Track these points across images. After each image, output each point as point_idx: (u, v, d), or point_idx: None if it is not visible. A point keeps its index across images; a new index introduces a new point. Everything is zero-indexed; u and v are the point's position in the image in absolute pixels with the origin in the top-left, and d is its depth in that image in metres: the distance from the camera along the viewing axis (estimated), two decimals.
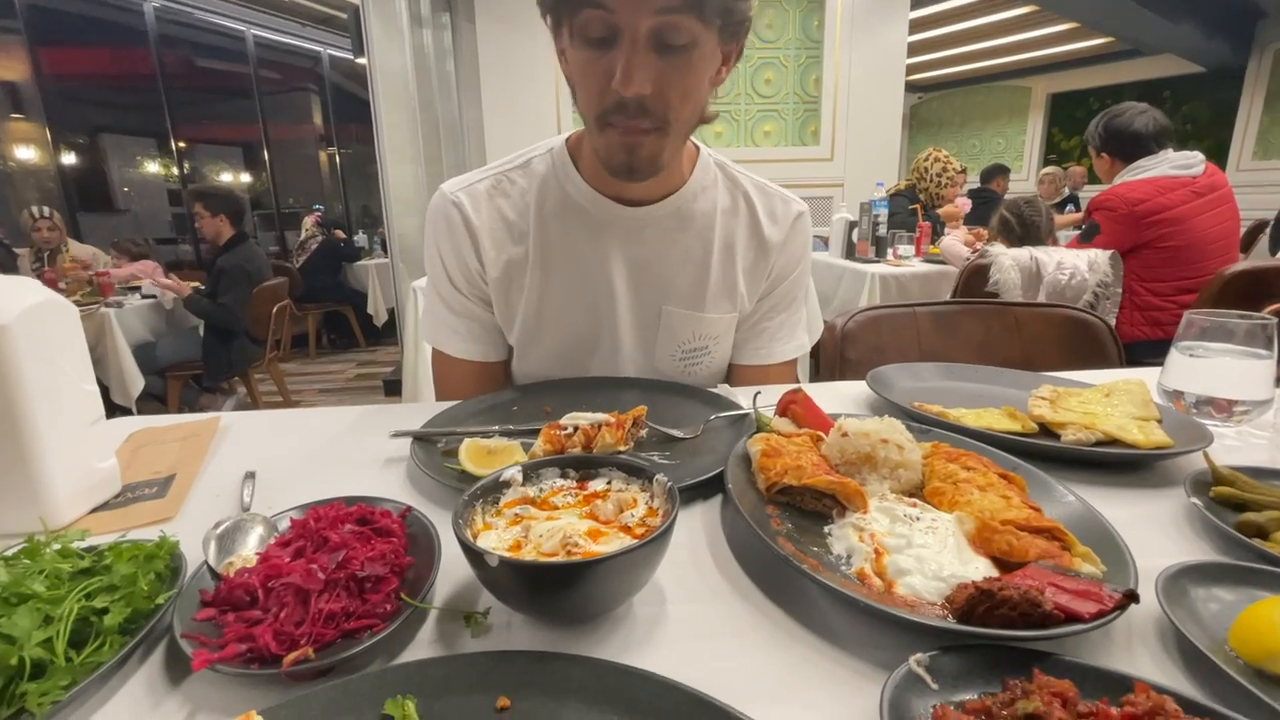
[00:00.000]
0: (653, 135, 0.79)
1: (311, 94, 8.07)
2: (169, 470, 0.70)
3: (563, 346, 0.98)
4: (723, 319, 0.99)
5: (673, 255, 0.95)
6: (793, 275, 1.03)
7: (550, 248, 0.93)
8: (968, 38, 8.07)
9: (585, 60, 0.76)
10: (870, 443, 0.59)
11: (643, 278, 0.95)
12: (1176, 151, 2.40)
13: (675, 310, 0.96)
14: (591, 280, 0.94)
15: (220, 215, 3.55)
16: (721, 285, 0.97)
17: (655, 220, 0.93)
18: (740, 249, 0.98)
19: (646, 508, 0.48)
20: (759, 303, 1.03)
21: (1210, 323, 0.78)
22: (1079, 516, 0.52)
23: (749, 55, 4.62)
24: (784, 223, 1.00)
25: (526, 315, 0.96)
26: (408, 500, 0.59)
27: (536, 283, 0.94)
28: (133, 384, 3.15)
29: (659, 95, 0.75)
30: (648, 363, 0.99)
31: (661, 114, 0.77)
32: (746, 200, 0.99)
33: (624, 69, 0.72)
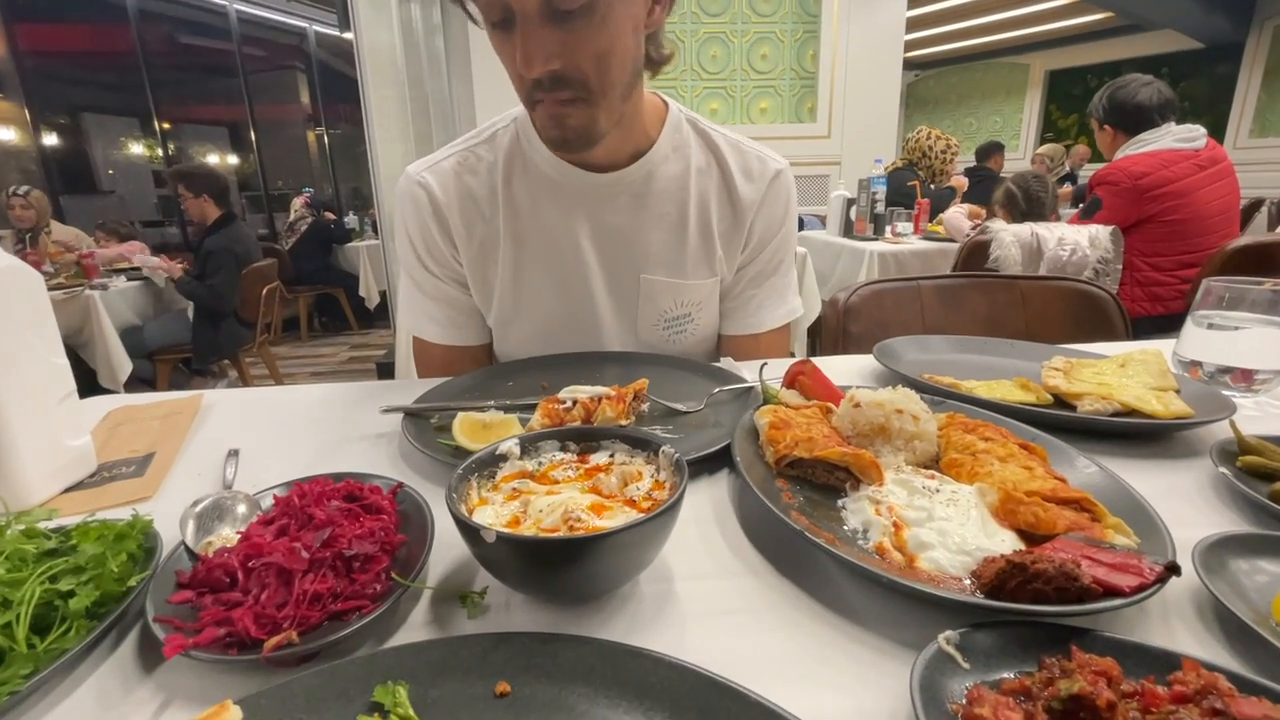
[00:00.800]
0: (579, 105, 0.74)
1: (298, 72, 7.89)
2: (148, 449, 0.67)
3: (543, 322, 0.94)
4: (704, 285, 0.95)
5: (646, 221, 0.90)
6: (776, 238, 0.97)
7: (521, 221, 0.90)
8: (967, 12, 7.96)
9: (497, 44, 0.73)
10: (884, 413, 0.57)
11: (617, 246, 0.91)
12: (1180, 125, 2.37)
13: (653, 278, 0.92)
14: (565, 252, 0.90)
15: (204, 195, 3.47)
16: (701, 250, 0.93)
17: (625, 185, 0.88)
18: (715, 210, 0.93)
19: (652, 481, 0.45)
20: (742, 270, 0.98)
21: (1228, 290, 0.75)
22: (1104, 487, 0.50)
23: (745, 30, 4.54)
24: (760, 181, 0.93)
25: (503, 292, 0.93)
26: (399, 477, 0.56)
27: (510, 258, 0.91)
28: (120, 367, 3.10)
29: (571, 66, 0.70)
30: (630, 334, 0.96)
31: (580, 83, 0.72)
32: (719, 158, 0.93)
33: (522, 51, 0.69)
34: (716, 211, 0.93)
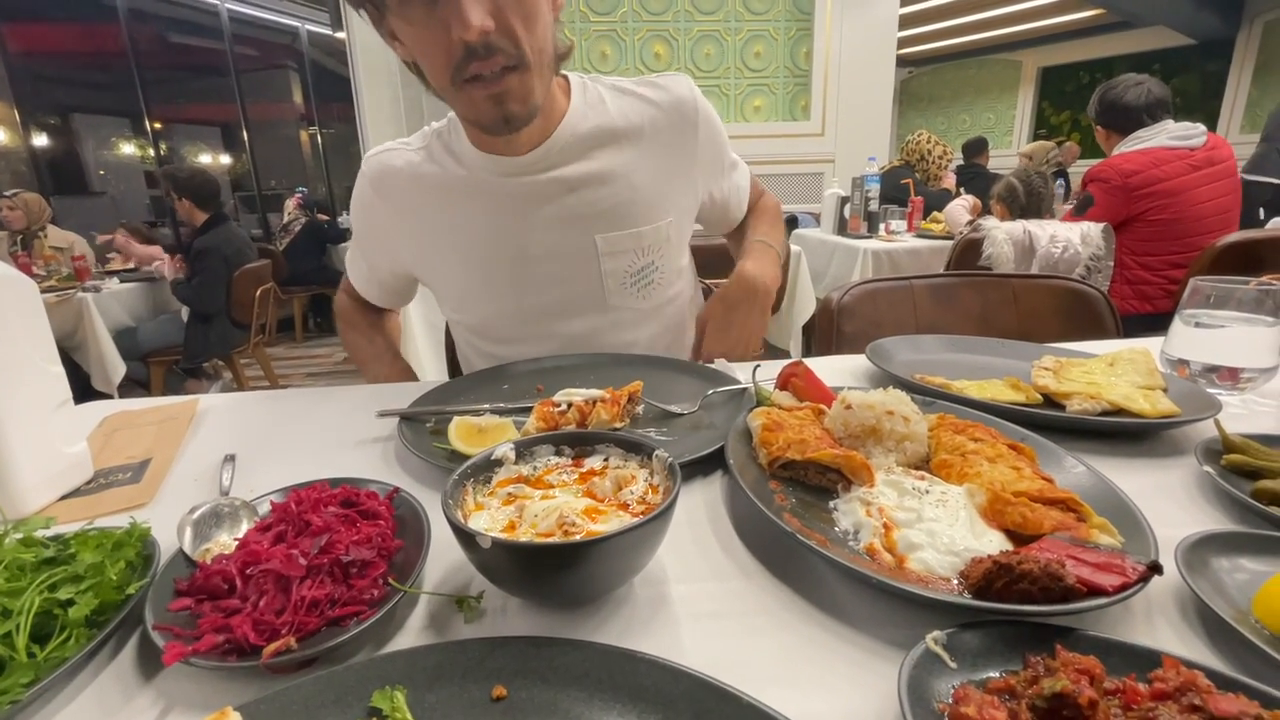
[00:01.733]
0: (515, 74, 0.74)
1: (290, 71, 7.85)
2: (144, 454, 0.67)
3: (503, 304, 0.96)
4: (659, 227, 0.95)
5: (587, 183, 0.91)
6: (725, 146, 1.03)
7: (461, 217, 0.92)
8: (959, 9, 7.98)
9: (419, 26, 0.72)
10: (875, 415, 0.57)
11: (564, 217, 0.91)
12: (1176, 123, 2.37)
13: (608, 235, 0.93)
14: (513, 239, 0.91)
15: (186, 199, 3.44)
16: (646, 195, 0.94)
17: (554, 156, 0.89)
18: (650, 147, 0.94)
19: (646, 485, 0.46)
20: (719, 192, 1.05)
21: (1215, 289, 0.76)
22: (1091, 487, 0.51)
23: (738, 28, 4.55)
24: (688, 104, 0.95)
25: (452, 280, 0.97)
26: (395, 482, 0.56)
27: (455, 250, 0.94)
28: (114, 370, 3.08)
29: (503, 29, 0.71)
30: (600, 297, 0.96)
31: (513, 47, 0.73)
32: (640, 101, 0.94)
33: (458, 14, 0.68)
34: (655, 150, 0.94)
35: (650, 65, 4.51)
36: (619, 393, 0.68)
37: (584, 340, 0.97)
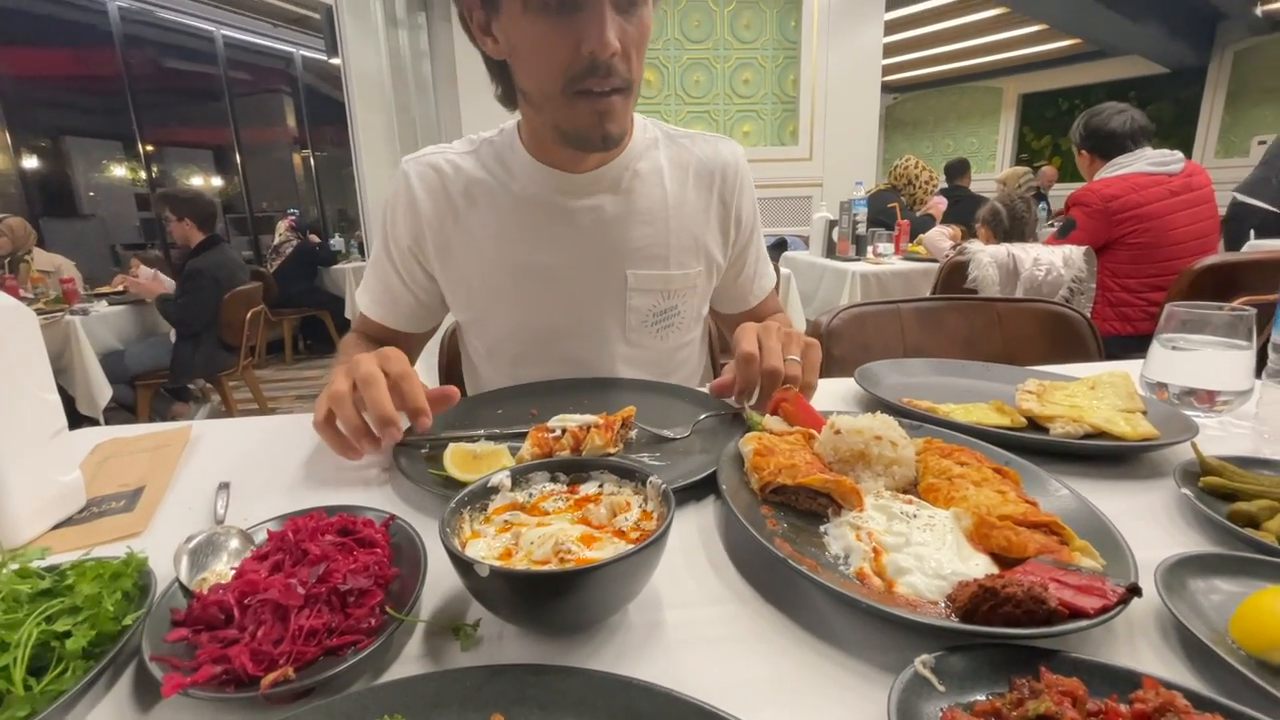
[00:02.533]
0: (620, 97, 0.79)
1: (284, 95, 7.92)
2: (137, 482, 0.67)
3: (524, 322, 0.97)
4: (688, 274, 0.98)
5: (630, 218, 0.94)
6: (754, 217, 1.06)
7: (501, 226, 0.93)
8: (941, 39, 8.21)
9: (545, 29, 0.74)
10: (864, 440, 0.59)
11: (602, 245, 0.94)
12: (1154, 150, 2.45)
13: (640, 273, 0.95)
14: (548, 256, 0.93)
15: (187, 219, 3.46)
16: (682, 240, 0.97)
17: (607, 185, 0.93)
18: (693, 199, 0.98)
19: (640, 511, 0.47)
20: (736, 256, 1.06)
21: (1190, 314, 0.79)
22: (1074, 510, 0.52)
23: (727, 55, 4.66)
24: (731, 166, 1.00)
25: (477, 291, 0.96)
26: (391, 507, 0.57)
27: (488, 261, 0.94)
28: (100, 393, 3.05)
29: (624, 54, 0.76)
30: (620, 331, 0.98)
31: (626, 74, 0.78)
32: (687, 150, 0.99)
33: (598, 30, 0.72)
34: (697, 201, 0.98)
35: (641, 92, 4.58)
36: (612, 418, 0.69)
37: (595, 370, 0.98)
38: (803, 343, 0.77)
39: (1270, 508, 0.51)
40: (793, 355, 0.74)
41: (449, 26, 4.53)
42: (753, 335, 0.76)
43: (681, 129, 1.02)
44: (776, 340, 0.75)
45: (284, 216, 6.16)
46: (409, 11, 4.52)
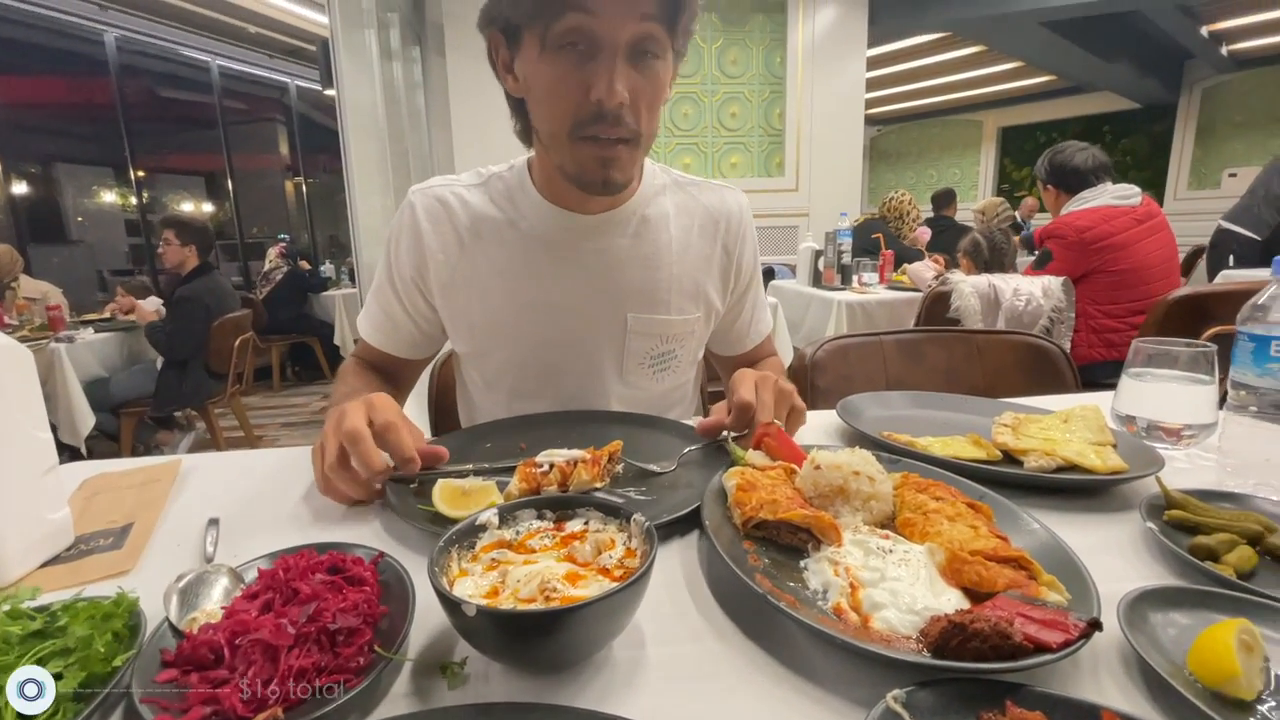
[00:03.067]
0: (626, 146, 0.81)
1: (278, 124, 8.00)
2: (125, 519, 0.67)
3: (522, 358, 0.98)
4: (688, 320, 1.01)
5: (634, 262, 0.96)
6: (754, 265, 1.09)
7: (505, 261, 0.94)
8: (922, 74, 8.48)
9: (560, 72, 0.77)
10: (842, 475, 0.60)
11: (606, 287, 0.95)
12: (1115, 184, 2.56)
13: (640, 316, 0.97)
14: (550, 293, 0.95)
15: (190, 245, 3.49)
16: (684, 286, 0.99)
17: (614, 228, 0.95)
18: (697, 246, 1.00)
19: (624, 548, 0.48)
20: (735, 303, 1.08)
21: (1155, 350, 0.82)
22: (1043, 544, 0.54)
23: (715, 90, 4.78)
24: (735, 216, 1.04)
25: (477, 325, 0.98)
26: (380, 543, 0.58)
27: (490, 295, 0.95)
28: (82, 422, 3.02)
29: (633, 106, 0.78)
30: (616, 371, 1.00)
31: (634, 124, 0.80)
32: (693, 198, 1.02)
33: (607, 78, 0.74)
34: (701, 248, 1.01)
35: None
36: (599, 453, 0.70)
37: (590, 408, 1.00)
38: (789, 405, 0.80)
39: (1229, 541, 0.53)
40: (778, 418, 0.78)
41: (442, 60, 4.62)
42: (751, 386, 0.78)
43: (690, 177, 1.04)
44: (770, 396, 0.78)
45: (275, 243, 6.17)
46: (403, 45, 4.62)
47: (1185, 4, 6.05)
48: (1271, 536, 0.55)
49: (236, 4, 5.52)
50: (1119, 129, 9.06)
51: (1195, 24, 6.66)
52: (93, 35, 5.68)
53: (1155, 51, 7.45)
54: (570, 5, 0.72)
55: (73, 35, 5.61)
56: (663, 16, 0.75)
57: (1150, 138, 8.78)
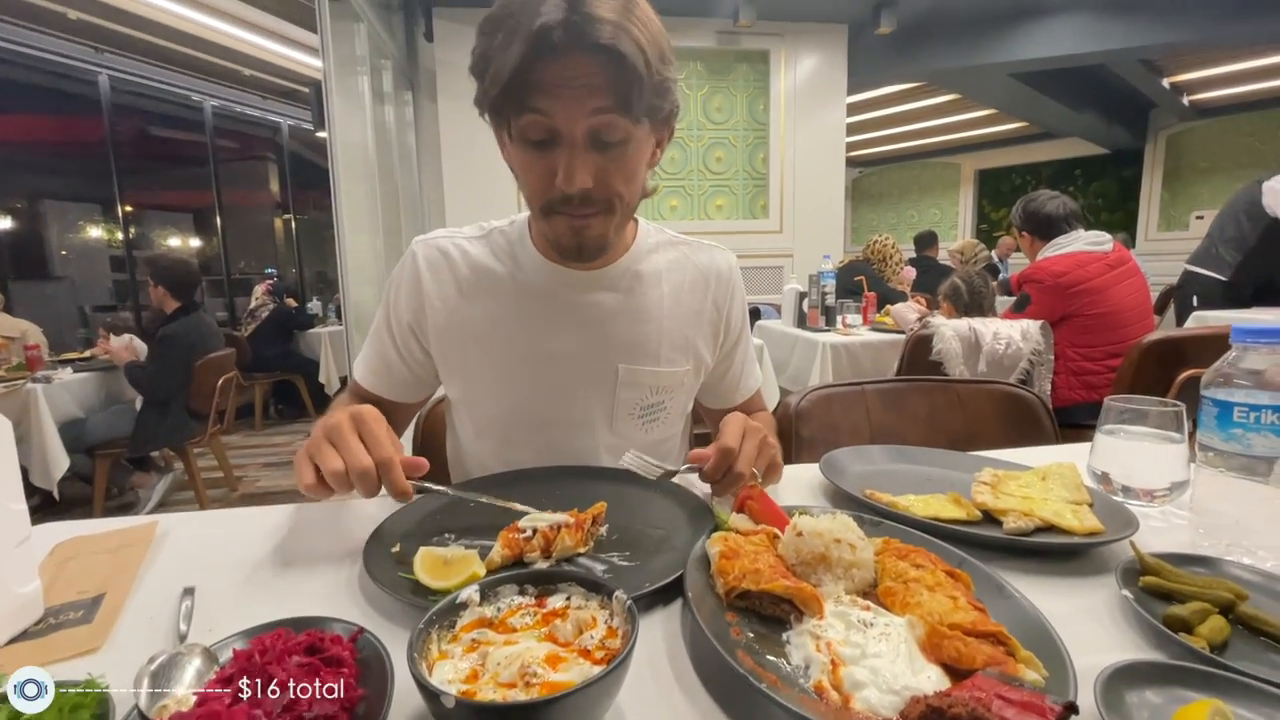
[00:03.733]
0: (599, 217, 0.85)
1: (269, 162, 8.08)
2: (98, 588, 0.66)
3: (513, 408, 1.00)
4: (677, 372, 1.03)
5: (626, 315, 0.99)
6: (743, 321, 1.12)
7: (499, 314, 0.97)
8: (901, 119, 8.79)
9: (527, 160, 0.82)
10: (824, 542, 0.61)
11: (597, 339, 0.98)
12: (1087, 230, 2.66)
13: (631, 367, 0.99)
14: (543, 345, 0.97)
15: (161, 286, 3.46)
16: (674, 339, 1.02)
17: (607, 283, 0.98)
18: (689, 302, 1.04)
19: (606, 627, 0.48)
20: (723, 356, 1.11)
21: (1125, 408, 0.84)
22: (1021, 615, 0.54)
23: (700, 135, 4.92)
24: (725, 274, 1.08)
25: (471, 376, 1.00)
26: (360, 614, 0.57)
27: (483, 346, 0.98)
28: (55, 465, 2.95)
29: (601, 186, 0.82)
30: (606, 422, 1.02)
31: (605, 200, 0.84)
32: (685, 255, 1.06)
33: (566, 169, 0.78)
34: (691, 303, 1.04)
35: None
36: (583, 516, 0.70)
37: (581, 459, 1.01)
38: (769, 459, 0.83)
39: (1202, 611, 0.54)
40: (756, 468, 0.80)
41: (434, 105, 4.72)
42: (737, 433, 0.80)
43: (683, 236, 1.09)
44: (754, 447, 0.80)
45: (262, 279, 6.17)
46: (396, 89, 4.72)
47: (1146, 58, 6.36)
48: (1242, 605, 0.56)
49: (232, 48, 5.63)
50: (1090, 173, 9.41)
51: (1157, 76, 7.00)
52: (87, 76, 5.74)
53: (1121, 101, 7.80)
54: (526, 107, 0.77)
55: (67, 76, 5.67)
56: (617, 107, 0.77)
57: (1120, 182, 9.12)
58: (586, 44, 0.73)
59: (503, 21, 0.75)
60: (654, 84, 0.78)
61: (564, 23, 0.72)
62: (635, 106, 0.77)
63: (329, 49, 3.43)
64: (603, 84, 0.75)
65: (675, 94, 0.85)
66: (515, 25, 0.73)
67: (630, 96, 0.76)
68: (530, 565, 0.67)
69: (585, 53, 0.73)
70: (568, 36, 0.72)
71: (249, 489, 4.02)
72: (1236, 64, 6.66)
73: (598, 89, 0.75)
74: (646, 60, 0.75)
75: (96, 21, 5.04)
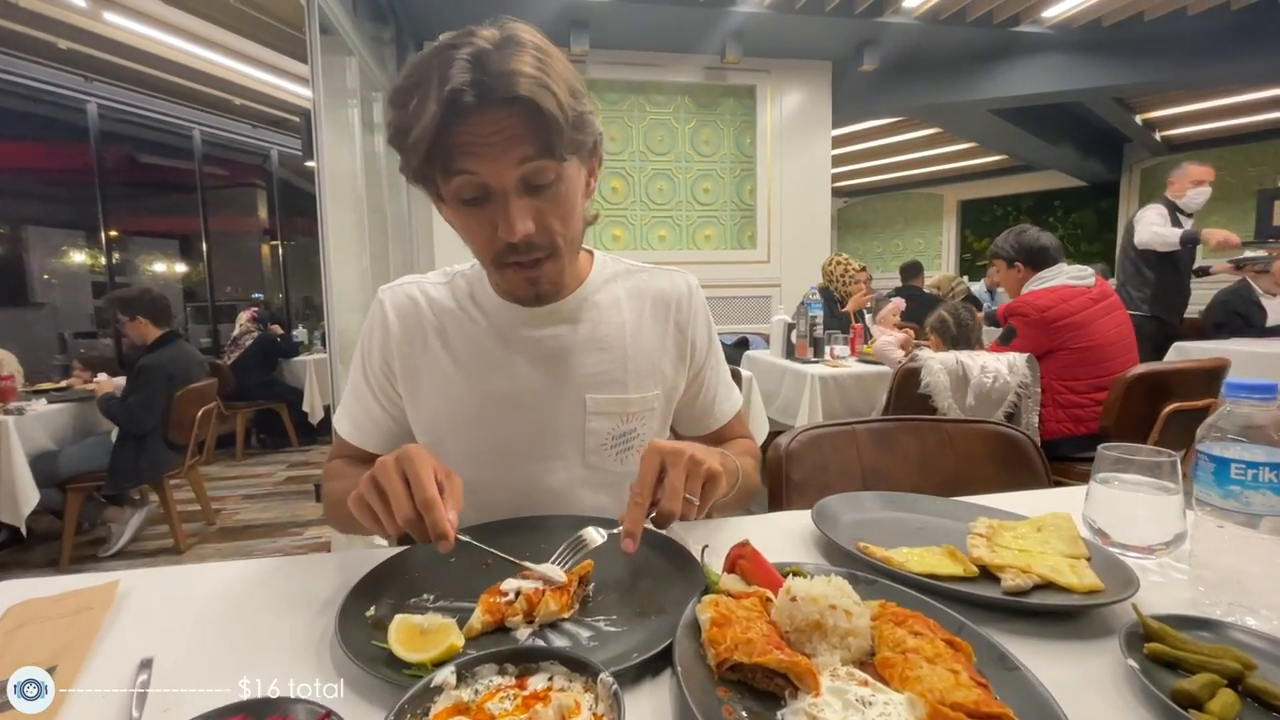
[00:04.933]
0: (549, 261, 0.86)
1: (258, 189, 8.07)
2: (50, 659, 0.62)
3: (490, 440, 0.99)
4: (646, 398, 1.03)
5: (589, 345, 1.00)
6: (709, 342, 1.11)
7: (465, 355, 0.98)
8: (885, 151, 8.98)
9: (466, 220, 0.84)
10: (819, 609, 0.58)
11: (562, 372, 0.98)
12: (1070, 265, 2.70)
13: (598, 396, 0.99)
14: (509, 383, 0.98)
15: (137, 318, 3.40)
16: (640, 366, 1.02)
17: (566, 315, 0.99)
18: (649, 327, 1.04)
19: (590, 714, 0.45)
20: (692, 378, 1.10)
21: (1119, 457, 0.83)
22: (1026, 692, 0.52)
23: (689, 167, 4.98)
24: (685, 296, 1.08)
25: (439, 415, 0.99)
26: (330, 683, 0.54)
27: (449, 386, 0.98)
28: (25, 501, 2.85)
29: (542, 229, 0.83)
30: (579, 455, 1.00)
31: (549, 243, 0.84)
32: (643, 282, 1.07)
33: (505, 220, 0.80)
34: (653, 329, 1.05)
35: (609, 198, 4.84)
36: (570, 576, 0.68)
37: (557, 494, 1.00)
38: (704, 476, 0.76)
39: (1212, 684, 0.52)
40: (695, 496, 0.75)
41: None
42: (653, 466, 0.75)
43: (640, 264, 1.10)
44: (680, 476, 0.74)
45: (247, 305, 6.10)
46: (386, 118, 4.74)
47: (1119, 96, 6.57)
48: (1251, 676, 0.54)
49: (223, 78, 5.65)
50: (1069, 204, 9.64)
51: (1130, 113, 7.22)
52: (75, 104, 5.73)
53: (1096, 136, 8.04)
54: (453, 171, 0.77)
55: (54, 103, 5.65)
56: (542, 153, 0.77)
57: (1098, 213, 9.35)
58: (498, 99, 0.74)
59: (412, 92, 0.75)
60: (572, 121, 0.78)
61: (472, 83, 0.72)
62: (559, 148, 0.78)
63: (319, 81, 3.45)
64: (523, 133, 0.76)
65: (595, 125, 0.86)
66: (426, 93, 0.73)
67: (553, 140, 0.77)
68: (513, 630, 0.64)
69: (499, 108, 0.74)
70: (479, 96, 0.73)
71: (227, 522, 3.91)
72: (1204, 102, 6.90)
73: (519, 139, 0.76)
74: (559, 102, 0.76)
75: (87, 51, 5.05)
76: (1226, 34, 4.98)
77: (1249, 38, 4.91)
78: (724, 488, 0.81)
